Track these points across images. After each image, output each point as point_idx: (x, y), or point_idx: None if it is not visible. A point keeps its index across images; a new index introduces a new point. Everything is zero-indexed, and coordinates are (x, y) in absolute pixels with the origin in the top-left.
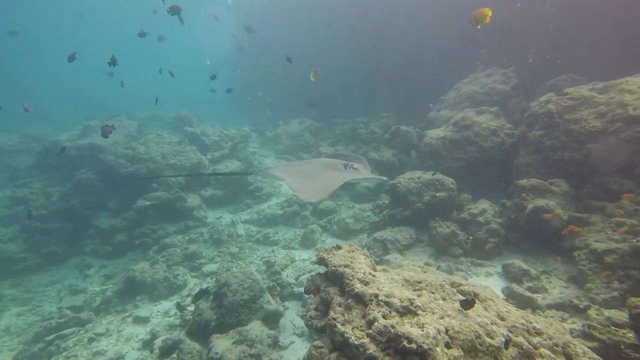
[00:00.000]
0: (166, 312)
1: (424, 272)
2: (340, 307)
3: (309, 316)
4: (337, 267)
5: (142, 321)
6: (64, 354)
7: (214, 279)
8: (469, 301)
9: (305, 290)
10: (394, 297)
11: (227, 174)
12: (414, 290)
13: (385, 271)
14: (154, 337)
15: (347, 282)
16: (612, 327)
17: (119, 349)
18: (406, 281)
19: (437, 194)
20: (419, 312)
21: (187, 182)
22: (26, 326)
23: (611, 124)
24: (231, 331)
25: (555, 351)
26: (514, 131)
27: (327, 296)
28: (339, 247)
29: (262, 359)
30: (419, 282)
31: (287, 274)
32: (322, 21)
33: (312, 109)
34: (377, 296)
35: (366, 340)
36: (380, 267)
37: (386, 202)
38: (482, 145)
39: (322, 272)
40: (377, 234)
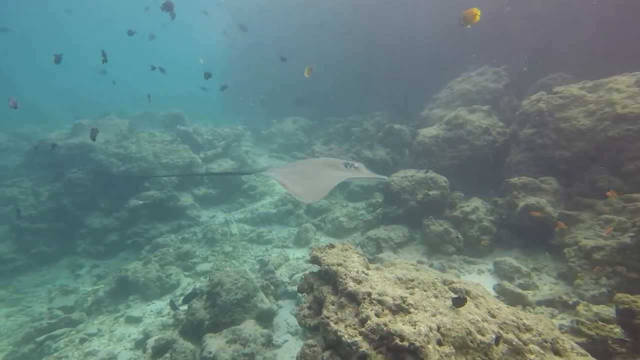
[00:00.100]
0: (159, 311)
1: (417, 270)
2: (333, 305)
3: (302, 315)
4: (331, 266)
5: (134, 321)
6: (55, 354)
7: (208, 278)
8: (460, 299)
9: (298, 289)
10: (386, 296)
11: (225, 173)
12: (407, 288)
13: (378, 269)
14: (147, 336)
15: (340, 280)
16: (600, 323)
17: (111, 349)
18: (399, 279)
19: (430, 192)
20: (412, 310)
21: (180, 181)
22: (16, 327)
23: (600, 122)
24: (225, 330)
25: (544, 347)
26: (506, 129)
27: (321, 295)
28: (332, 246)
29: (256, 357)
30: (412, 280)
31: (281, 273)
32: (315, 19)
33: (301, 106)
34: (369, 294)
35: (359, 338)
36: (373, 265)
37: (380, 200)
38: (474, 143)
39: (316, 270)
40: (371, 233)
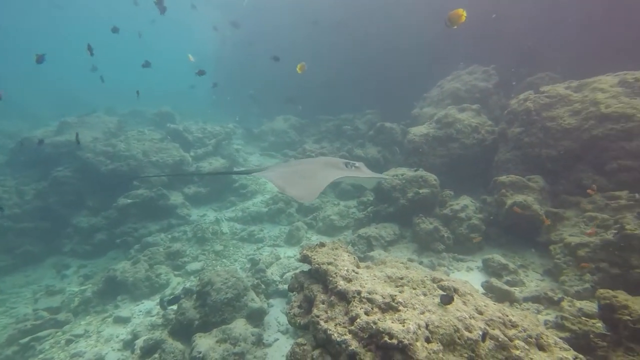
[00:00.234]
0: (148, 311)
1: (407, 269)
2: (323, 304)
3: (292, 314)
4: (321, 265)
5: (122, 321)
6: (40, 356)
7: (198, 277)
8: (447, 296)
9: (289, 287)
10: (376, 294)
11: (224, 173)
12: (396, 286)
13: (368, 268)
14: (135, 337)
15: (331, 279)
16: (583, 318)
17: (98, 350)
18: (388, 277)
19: (421, 191)
20: (401, 308)
21: (170, 180)
22: None
23: (585, 121)
24: (214, 330)
25: (529, 342)
26: (495, 128)
27: (311, 294)
28: (322, 245)
29: (246, 357)
30: (401, 279)
31: (272, 272)
32: (307, 17)
33: (291, 104)
34: (359, 293)
35: (348, 336)
36: (363, 263)
37: (371, 198)
38: (464, 142)
39: (306, 269)
40: (362, 231)
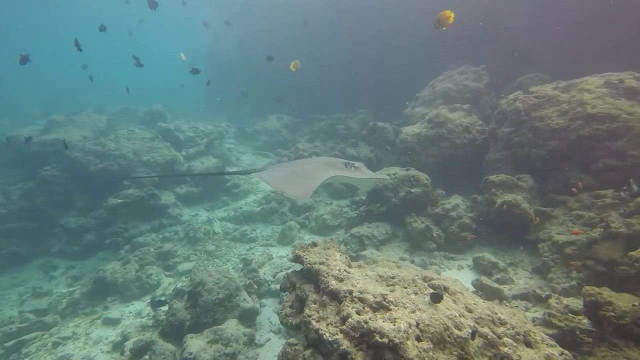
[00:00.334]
0: (138, 312)
1: (398, 268)
2: (315, 304)
3: (284, 314)
4: (313, 265)
5: (112, 323)
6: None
7: (189, 278)
8: (437, 295)
9: (281, 287)
10: (367, 293)
11: (222, 173)
12: (387, 285)
13: (360, 267)
14: (125, 338)
15: (322, 279)
16: (570, 315)
17: (87, 353)
18: (380, 277)
19: (412, 190)
20: (392, 307)
21: (161, 179)
22: None
23: (572, 121)
24: (206, 330)
25: (517, 339)
26: (485, 128)
27: (303, 293)
28: (314, 245)
29: (238, 357)
30: (392, 278)
31: (265, 272)
32: (300, 17)
33: (281, 103)
34: (351, 292)
35: (340, 336)
36: (355, 263)
37: (363, 198)
38: (455, 141)
39: (298, 269)
40: (354, 230)
